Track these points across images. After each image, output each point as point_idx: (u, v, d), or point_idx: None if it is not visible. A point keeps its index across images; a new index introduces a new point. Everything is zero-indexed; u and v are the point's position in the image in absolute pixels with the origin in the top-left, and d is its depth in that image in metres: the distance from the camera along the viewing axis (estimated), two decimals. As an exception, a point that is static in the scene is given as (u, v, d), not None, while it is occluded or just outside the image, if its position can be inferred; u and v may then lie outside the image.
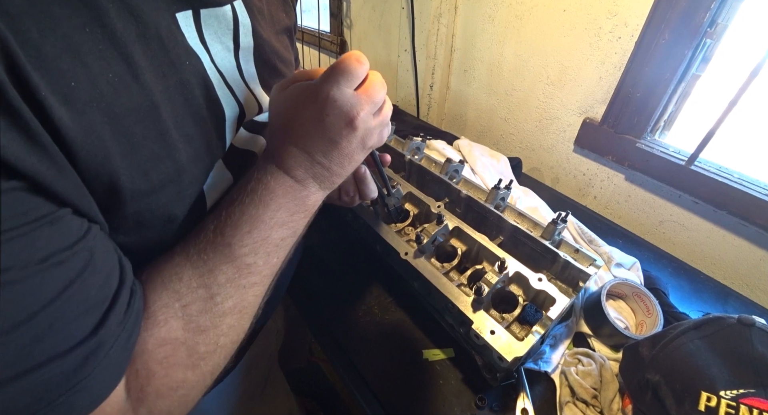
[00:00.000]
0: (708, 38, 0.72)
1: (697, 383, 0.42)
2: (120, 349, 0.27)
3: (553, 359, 0.58)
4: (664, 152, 0.82)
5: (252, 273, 0.34)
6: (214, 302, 0.32)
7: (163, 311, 0.30)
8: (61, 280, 0.23)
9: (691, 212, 0.83)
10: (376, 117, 0.37)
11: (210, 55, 0.35)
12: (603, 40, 0.84)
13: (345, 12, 1.53)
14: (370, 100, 0.35)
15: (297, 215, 0.37)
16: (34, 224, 0.22)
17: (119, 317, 0.27)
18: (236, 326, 0.34)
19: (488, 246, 0.58)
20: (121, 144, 0.27)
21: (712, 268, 0.83)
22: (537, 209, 0.84)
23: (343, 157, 0.36)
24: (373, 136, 0.37)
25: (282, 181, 0.35)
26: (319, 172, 0.36)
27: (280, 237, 0.36)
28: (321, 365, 1.16)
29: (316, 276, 0.74)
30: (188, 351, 0.31)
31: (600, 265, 0.53)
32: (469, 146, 0.99)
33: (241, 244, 0.33)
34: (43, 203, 0.23)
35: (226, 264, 0.33)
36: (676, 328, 0.49)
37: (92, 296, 0.25)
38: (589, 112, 0.93)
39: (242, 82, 0.40)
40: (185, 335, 0.31)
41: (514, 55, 1.03)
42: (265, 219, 0.34)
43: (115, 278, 0.28)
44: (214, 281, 0.32)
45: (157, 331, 0.30)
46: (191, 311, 0.31)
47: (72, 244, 0.24)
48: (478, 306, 0.51)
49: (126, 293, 0.28)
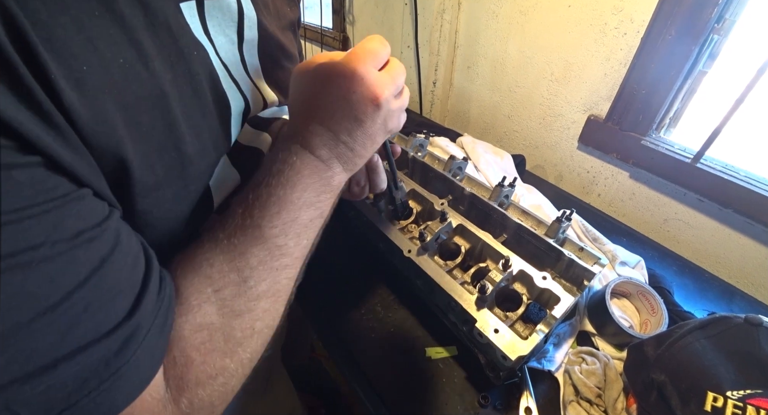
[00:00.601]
0: (715, 34, 0.71)
1: (704, 383, 0.41)
2: (157, 333, 0.26)
3: (556, 358, 0.58)
4: (670, 150, 0.81)
5: (283, 255, 0.34)
6: (247, 285, 0.31)
7: (196, 296, 0.30)
8: (93, 258, 0.23)
9: (697, 210, 0.83)
10: (397, 100, 0.37)
11: (214, 47, 0.35)
12: (608, 36, 0.83)
13: (347, 8, 1.52)
14: (393, 81, 0.35)
15: (324, 195, 0.36)
16: (61, 200, 0.21)
17: (153, 299, 0.26)
18: (271, 310, 0.34)
19: (492, 244, 0.58)
20: (131, 132, 0.26)
21: (717, 266, 0.83)
22: (540, 207, 0.83)
23: (366, 137, 0.36)
24: (394, 118, 0.37)
25: (308, 161, 0.35)
26: (343, 152, 0.36)
27: (308, 218, 0.35)
28: (323, 361, 1.16)
29: (319, 274, 0.73)
30: (225, 336, 0.30)
31: (605, 263, 0.53)
32: (472, 143, 0.99)
33: (270, 225, 0.32)
34: (65, 181, 0.22)
35: (256, 246, 0.32)
36: (682, 327, 0.49)
37: (124, 276, 0.25)
38: (594, 109, 0.92)
39: (246, 76, 0.39)
40: (221, 320, 0.30)
41: (518, 51, 1.02)
42: (293, 199, 0.34)
43: (142, 261, 0.27)
44: (246, 264, 0.31)
45: (192, 316, 0.29)
46: (225, 296, 0.30)
47: (100, 222, 0.23)
48: (482, 304, 0.51)
49: (156, 277, 0.27)
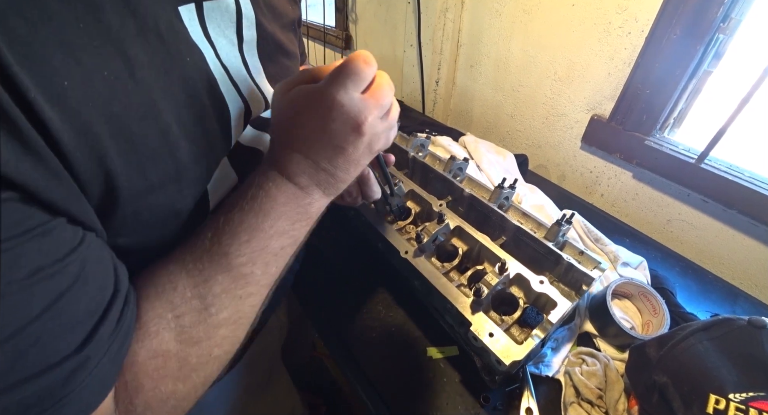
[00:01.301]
0: (720, 34, 0.70)
1: (706, 386, 0.41)
2: (109, 361, 0.26)
3: (554, 362, 0.57)
4: (674, 150, 0.80)
5: (249, 283, 0.33)
6: (208, 312, 0.31)
7: (156, 321, 0.29)
8: (49, 294, 0.23)
9: (700, 210, 0.82)
10: (383, 121, 0.35)
11: (215, 50, 0.35)
12: (612, 35, 0.83)
13: (350, 7, 1.52)
14: (378, 104, 0.33)
15: (298, 224, 0.35)
16: (24, 236, 0.21)
17: (110, 328, 0.26)
18: (231, 337, 0.33)
19: (489, 246, 0.57)
20: (118, 143, 0.26)
21: (720, 268, 0.82)
22: (543, 207, 0.83)
23: (350, 163, 0.35)
24: (380, 140, 0.36)
25: (284, 188, 0.34)
26: (324, 179, 0.35)
27: (279, 246, 0.34)
28: (324, 360, 1.16)
29: (320, 273, 0.73)
30: (180, 363, 0.30)
31: (605, 268, 0.52)
32: (475, 143, 0.98)
33: (238, 253, 0.32)
34: (36, 213, 0.22)
35: (222, 274, 0.31)
36: (685, 329, 0.48)
37: (82, 308, 0.25)
38: (597, 109, 0.92)
39: (248, 77, 0.39)
40: (177, 346, 0.30)
41: (522, 50, 1.02)
42: (265, 228, 0.33)
43: (109, 289, 0.27)
44: (209, 291, 0.31)
45: (149, 342, 0.29)
46: (184, 322, 0.30)
47: (64, 256, 0.23)
48: (478, 308, 0.50)
49: (119, 304, 0.27)
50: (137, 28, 0.27)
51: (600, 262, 0.53)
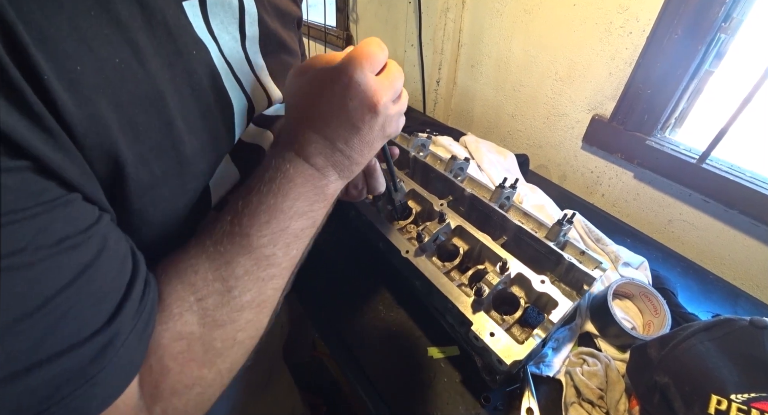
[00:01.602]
0: (722, 33, 0.70)
1: (707, 386, 0.41)
2: (135, 341, 0.26)
3: (554, 363, 0.57)
4: (675, 150, 0.80)
5: (271, 265, 0.33)
6: (231, 295, 0.31)
7: (178, 304, 0.29)
8: (75, 265, 0.22)
9: (702, 211, 0.82)
10: (395, 104, 0.36)
11: (218, 46, 0.35)
12: (613, 35, 0.82)
13: (351, 6, 1.51)
14: (391, 86, 0.34)
15: (317, 205, 0.35)
16: (47, 205, 0.21)
17: (134, 307, 0.26)
18: (255, 321, 0.33)
19: (491, 246, 0.57)
20: (126, 133, 0.26)
21: (721, 268, 0.82)
22: (544, 207, 0.83)
23: (364, 144, 0.35)
24: (393, 123, 0.36)
25: (302, 169, 0.34)
26: (340, 161, 0.35)
27: (299, 228, 0.34)
28: (324, 359, 1.16)
29: (321, 273, 0.73)
30: (204, 347, 0.30)
31: (606, 268, 0.52)
32: (475, 142, 0.98)
33: (259, 234, 0.32)
34: (54, 186, 0.22)
35: (243, 256, 0.31)
36: (686, 329, 0.48)
37: (107, 283, 0.24)
38: (598, 109, 0.92)
39: (251, 74, 0.39)
40: (201, 329, 0.29)
41: (522, 50, 1.02)
42: (284, 209, 0.33)
43: (129, 267, 0.27)
44: (232, 273, 0.31)
45: (173, 325, 0.29)
46: (207, 305, 0.30)
47: (86, 228, 0.23)
48: (478, 307, 0.50)
49: (140, 283, 0.27)
50: (145, 20, 0.27)
51: (601, 262, 0.53)
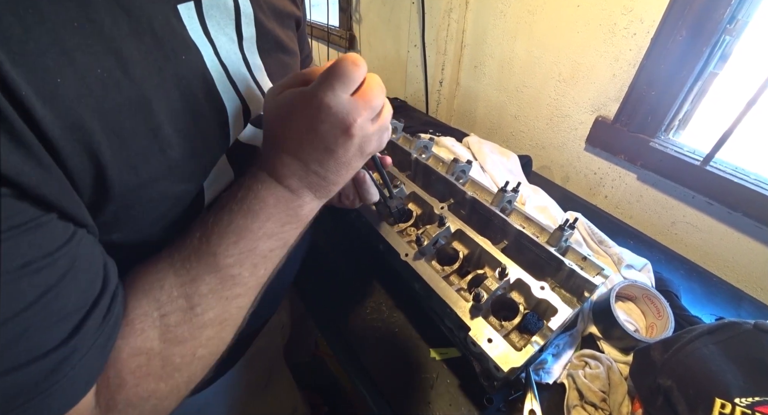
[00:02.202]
0: (727, 35, 0.70)
1: (711, 390, 0.41)
2: (95, 355, 0.26)
3: (554, 370, 0.57)
4: (679, 152, 0.80)
5: (236, 285, 0.33)
6: (194, 312, 0.31)
7: (141, 319, 0.30)
8: (38, 287, 0.23)
9: (705, 213, 0.82)
10: (374, 122, 0.35)
11: (215, 48, 0.35)
12: (617, 36, 0.82)
13: (354, 7, 1.51)
14: (367, 105, 0.33)
15: (288, 226, 0.35)
16: (15, 230, 0.22)
17: (97, 322, 0.26)
18: (216, 338, 0.33)
19: (490, 250, 0.57)
20: (110, 139, 0.26)
21: (725, 270, 0.82)
22: (547, 208, 0.83)
23: (340, 165, 0.35)
24: (372, 142, 0.36)
25: (274, 190, 0.34)
26: (315, 182, 0.35)
27: (268, 248, 0.34)
28: (326, 359, 1.16)
29: (324, 273, 0.73)
30: (163, 362, 0.30)
31: (608, 274, 0.52)
32: (478, 143, 0.98)
33: (226, 254, 0.32)
34: (27, 208, 0.22)
35: (209, 274, 0.32)
36: (690, 332, 0.48)
37: (71, 302, 0.25)
38: (602, 110, 0.91)
39: (248, 75, 0.39)
40: (161, 345, 0.30)
41: (526, 51, 1.02)
42: (254, 229, 0.33)
43: (98, 285, 0.27)
44: (196, 291, 0.31)
45: (133, 340, 0.29)
46: (170, 322, 0.30)
47: (54, 250, 0.24)
48: (477, 313, 0.49)
49: (107, 299, 0.27)
50: (130, 27, 0.28)
51: (603, 268, 0.52)
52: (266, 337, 0.68)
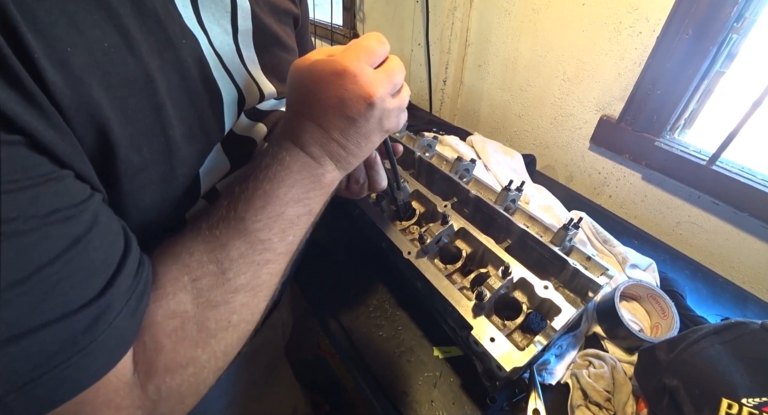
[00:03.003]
0: (734, 34, 0.70)
1: (718, 390, 0.41)
2: (129, 315, 0.26)
3: (557, 370, 0.56)
4: (684, 151, 0.79)
5: (266, 249, 0.33)
6: (225, 277, 0.31)
7: (172, 283, 0.30)
8: (66, 236, 0.23)
9: (710, 213, 0.81)
10: (394, 99, 0.36)
11: (208, 38, 0.35)
12: (623, 35, 0.82)
13: (358, 5, 1.51)
14: (389, 80, 0.34)
15: (313, 192, 0.36)
16: (39, 178, 0.22)
17: (128, 281, 0.26)
18: (249, 305, 0.33)
19: (494, 249, 0.56)
20: (117, 115, 0.27)
21: (730, 271, 0.81)
22: (551, 207, 0.82)
23: (360, 136, 0.35)
24: (391, 118, 0.37)
25: (297, 157, 0.34)
26: (335, 151, 0.35)
27: (295, 214, 0.35)
28: (328, 358, 1.16)
29: (327, 270, 0.73)
30: (198, 326, 0.30)
31: (613, 275, 0.51)
32: (482, 142, 0.98)
33: (254, 219, 0.32)
34: (46, 161, 0.22)
35: (238, 239, 0.32)
36: (696, 332, 0.48)
37: (99, 257, 0.25)
38: (607, 110, 0.91)
39: (242, 67, 0.39)
40: (195, 309, 0.30)
41: (530, 50, 1.01)
42: (280, 195, 0.33)
43: (121, 245, 0.27)
44: (226, 256, 0.31)
45: (166, 303, 0.29)
46: (201, 285, 0.31)
47: (78, 202, 0.24)
48: (479, 312, 0.49)
49: (132, 260, 0.27)
50: (134, 8, 0.28)
51: (608, 268, 0.52)
52: (267, 333, 0.68)
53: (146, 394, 0.28)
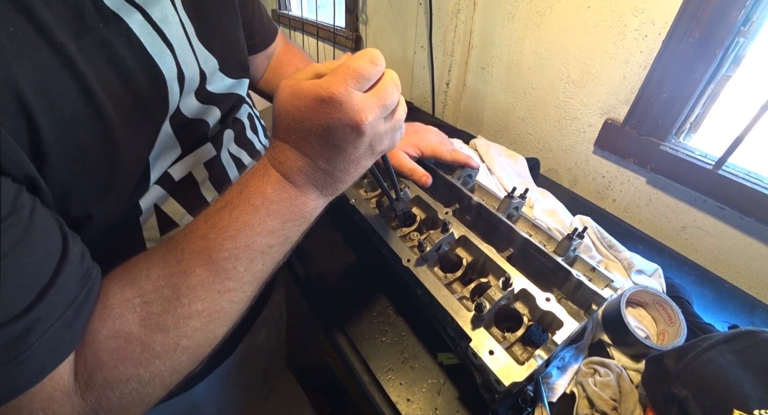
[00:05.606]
0: (741, 37, 0.69)
1: (729, 400, 0.40)
2: (64, 328, 0.27)
3: (557, 386, 0.55)
4: (690, 155, 0.79)
5: (230, 279, 0.32)
6: (179, 302, 0.31)
7: (122, 304, 0.30)
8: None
9: (716, 218, 0.80)
10: (387, 121, 0.34)
11: (145, 13, 0.34)
12: (628, 38, 0.81)
13: (361, 7, 1.51)
14: (380, 103, 0.32)
15: (290, 223, 0.35)
16: None
17: (65, 294, 0.27)
18: (203, 330, 0.33)
19: (495, 259, 0.55)
20: (39, 99, 0.26)
21: (737, 277, 0.80)
22: (555, 211, 0.81)
23: (349, 163, 0.34)
24: (384, 141, 0.35)
25: (278, 186, 0.33)
26: (321, 179, 0.34)
27: (267, 244, 0.34)
28: (330, 361, 1.15)
29: (331, 274, 0.73)
30: (142, 347, 0.30)
31: (617, 287, 0.50)
32: (486, 146, 0.97)
33: (221, 248, 0.32)
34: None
35: (201, 267, 0.31)
36: (705, 340, 0.47)
37: (27, 271, 0.25)
38: (611, 113, 0.90)
39: (185, 38, 0.38)
40: (141, 330, 0.30)
41: (534, 52, 1.01)
42: (253, 224, 0.32)
43: (56, 256, 0.27)
44: (184, 282, 0.31)
45: (111, 322, 0.29)
46: (153, 309, 0.30)
47: (5, 216, 0.24)
48: (479, 323, 0.48)
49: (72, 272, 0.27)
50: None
51: (612, 280, 0.51)
52: (257, 335, 0.67)
53: (86, 403, 0.28)
